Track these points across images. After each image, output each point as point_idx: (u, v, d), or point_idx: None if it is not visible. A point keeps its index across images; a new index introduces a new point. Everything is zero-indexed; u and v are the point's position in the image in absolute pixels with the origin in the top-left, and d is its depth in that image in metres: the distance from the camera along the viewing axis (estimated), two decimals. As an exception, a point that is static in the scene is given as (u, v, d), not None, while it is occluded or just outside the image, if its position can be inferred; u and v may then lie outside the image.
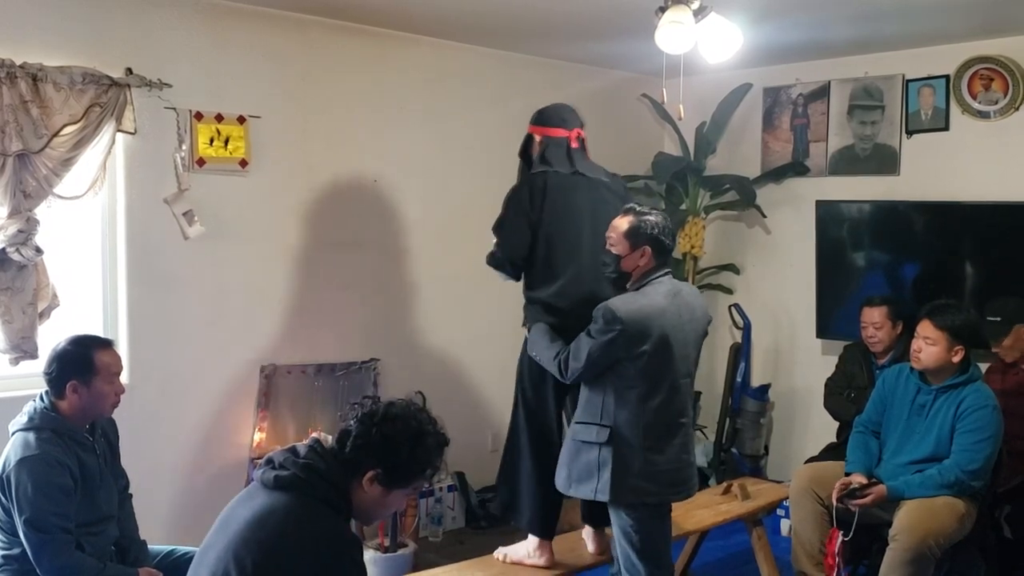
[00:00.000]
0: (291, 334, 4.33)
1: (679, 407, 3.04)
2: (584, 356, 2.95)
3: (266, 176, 4.21)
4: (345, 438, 2.08)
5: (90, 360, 2.80)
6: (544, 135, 3.34)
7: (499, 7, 4.13)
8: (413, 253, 4.78)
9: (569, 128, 3.34)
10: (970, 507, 3.46)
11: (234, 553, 1.95)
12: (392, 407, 2.10)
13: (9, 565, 2.76)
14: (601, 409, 3.00)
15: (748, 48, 3.72)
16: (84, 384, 2.78)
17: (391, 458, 2.06)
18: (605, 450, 2.97)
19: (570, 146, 3.32)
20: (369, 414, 2.09)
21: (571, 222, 3.24)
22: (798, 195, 5.36)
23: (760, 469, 5.40)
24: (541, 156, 3.32)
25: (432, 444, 2.11)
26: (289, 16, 4.23)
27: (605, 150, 5.50)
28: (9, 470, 2.68)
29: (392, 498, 2.12)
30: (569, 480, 3.08)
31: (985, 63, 4.62)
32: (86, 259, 3.85)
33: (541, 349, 3.16)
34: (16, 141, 3.37)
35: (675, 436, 3.03)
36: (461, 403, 4.99)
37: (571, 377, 3.04)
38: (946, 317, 3.54)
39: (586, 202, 3.27)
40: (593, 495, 3.01)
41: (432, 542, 4.61)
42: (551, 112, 3.38)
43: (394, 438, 2.06)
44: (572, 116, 3.38)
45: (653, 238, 3.00)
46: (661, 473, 3.00)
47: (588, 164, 3.37)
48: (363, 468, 2.06)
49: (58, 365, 2.79)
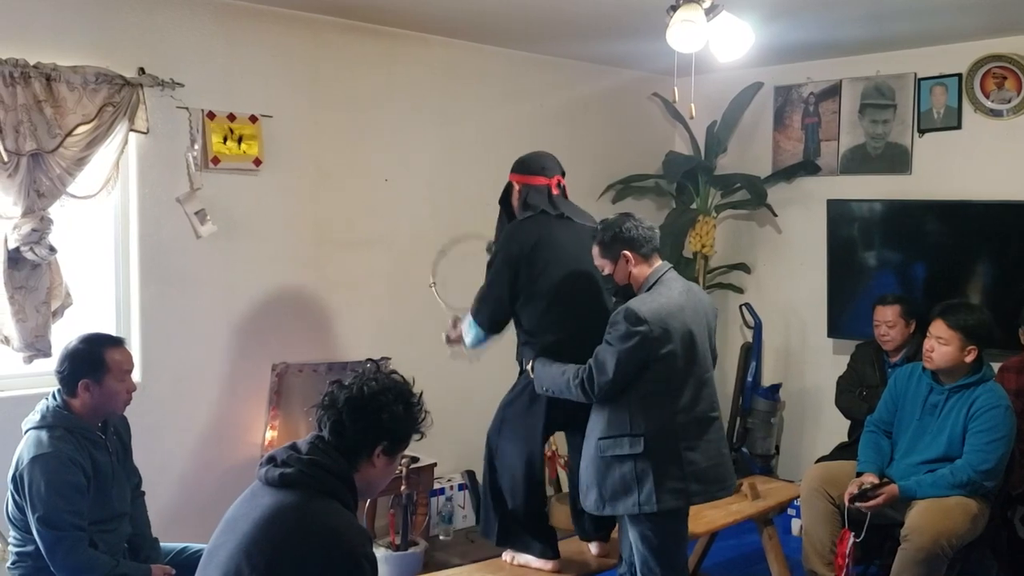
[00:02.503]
0: (302, 332, 4.35)
1: (709, 402, 3.01)
2: (612, 366, 2.87)
3: (278, 175, 4.22)
4: (341, 429, 2.09)
5: (101, 358, 2.82)
6: (524, 183, 3.34)
7: (510, 6, 4.13)
8: (424, 252, 4.77)
9: (549, 176, 3.34)
10: (983, 507, 3.45)
11: (246, 553, 1.95)
12: (369, 384, 2.12)
13: (23, 562, 2.79)
14: (629, 420, 2.92)
15: (759, 47, 3.71)
16: (96, 382, 2.80)
17: (394, 428, 2.13)
18: (641, 461, 2.89)
19: (551, 193, 3.32)
20: (354, 399, 2.10)
21: (565, 265, 3.22)
22: (809, 194, 5.35)
23: (771, 468, 5.39)
24: (524, 203, 3.32)
25: (418, 399, 2.19)
26: (301, 16, 4.24)
27: (615, 149, 5.55)
28: (22, 468, 2.70)
29: (394, 462, 2.19)
30: (602, 500, 2.97)
31: (997, 61, 4.60)
32: (99, 258, 3.87)
33: (553, 379, 3.09)
34: (30, 141, 3.39)
35: (708, 432, 2.99)
36: (472, 402, 4.99)
37: (599, 393, 2.93)
38: (959, 317, 3.52)
39: (574, 243, 3.25)
40: (636, 509, 2.91)
41: (443, 540, 4.61)
42: (530, 160, 3.38)
43: (388, 409, 2.11)
44: (552, 164, 3.37)
45: (622, 240, 2.99)
46: (702, 471, 2.95)
47: (572, 208, 3.37)
48: (371, 448, 2.11)
49: (70, 364, 2.81)
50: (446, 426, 4.76)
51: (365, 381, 2.13)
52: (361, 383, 2.12)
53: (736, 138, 5.59)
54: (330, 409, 2.11)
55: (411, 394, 2.17)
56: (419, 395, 2.20)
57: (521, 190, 3.34)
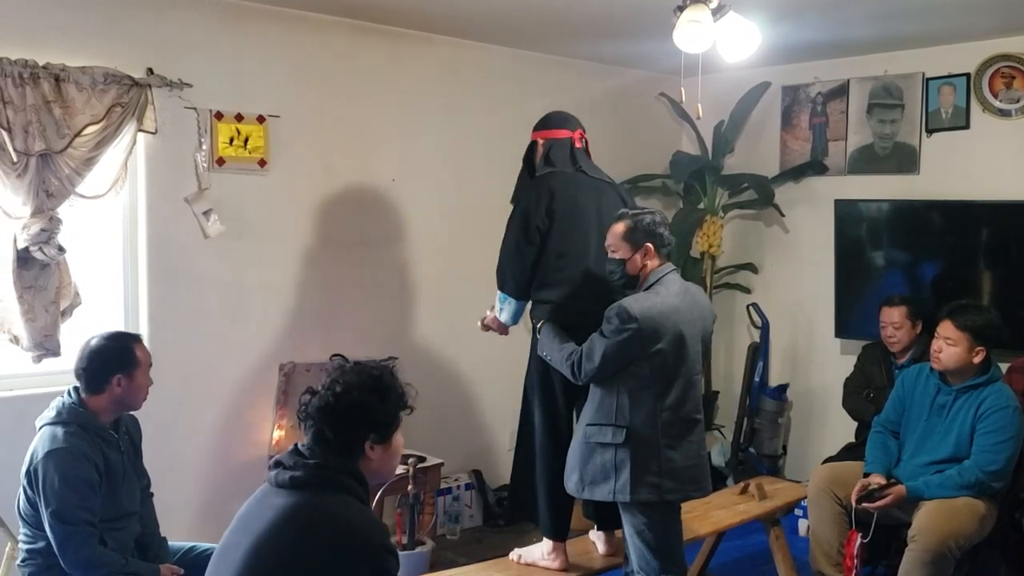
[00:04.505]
0: (310, 332, 4.36)
1: (694, 404, 3.06)
2: (599, 356, 2.95)
3: (285, 175, 4.23)
4: (323, 437, 2.08)
5: (132, 353, 2.89)
6: (547, 137, 3.38)
7: (517, 6, 4.14)
8: (431, 251, 4.79)
9: (572, 129, 3.38)
10: (990, 508, 3.44)
11: (261, 554, 1.96)
12: (336, 386, 2.09)
13: (33, 559, 2.80)
14: (615, 410, 2.99)
15: (766, 46, 3.71)
16: (127, 377, 2.85)
17: (374, 420, 2.10)
18: (622, 451, 2.96)
19: (574, 146, 3.36)
20: (325, 407, 2.08)
21: (579, 223, 3.25)
22: (817, 194, 5.34)
23: (778, 469, 5.38)
24: (545, 157, 3.34)
25: (389, 381, 2.15)
26: (308, 16, 4.25)
27: (623, 149, 5.54)
28: (36, 462, 2.72)
29: (395, 444, 2.17)
30: (582, 483, 3.06)
31: (1006, 61, 4.59)
32: (107, 258, 3.89)
33: (552, 350, 3.15)
34: (39, 141, 3.40)
35: (692, 433, 3.04)
36: (479, 401, 5.01)
37: (584, 378, 3.03)
38: (967, 318, 3.51)
39: (592, 202, 3.29)
40: (611, 496, 2.99)
41: (450, 540, 4.62)
42: (553, 116, 3.44)
43: (360, 405, 2.09)
44: (573, 119, 3.43)
45: (651, 233, 3.02)
46: (679, 470, 3.00)
47: (591, 165, 3.40)
48: (360, 445, 2.10)
49: (100, 361, 2.84)
50: (453, 426, 4.82)
51: (332, 383, 2.10)
52: (329, 387, 2.10)
53: (743, 138, 5.59)
54: (307, 420, 2.10)
55: (380, 379, 2.13)
56: (389, 373, 2.16)
57: (544, 144, 3.37)
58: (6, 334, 3.52)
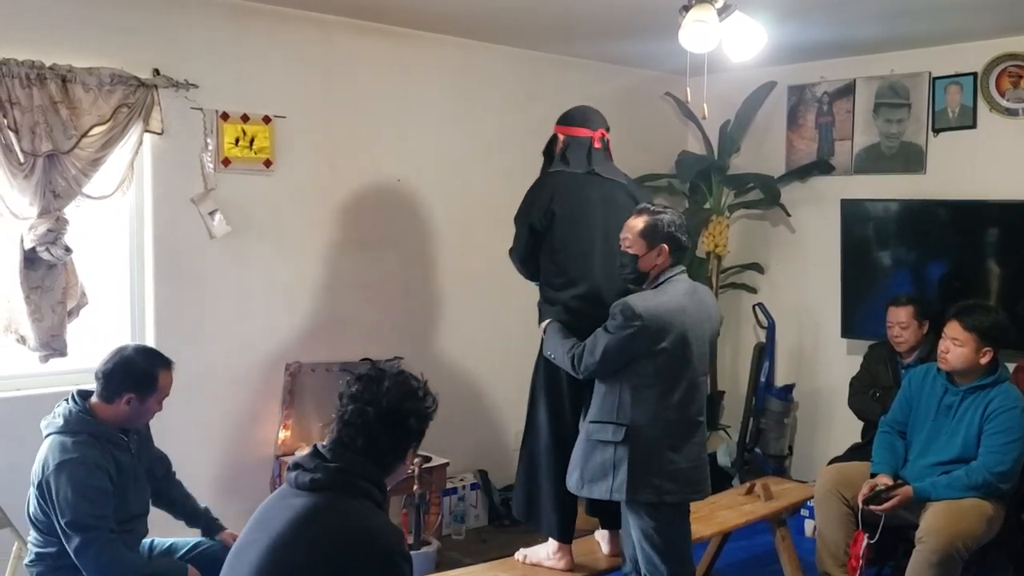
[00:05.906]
0: (315, 332, 4.36)
1: (698, 405, 3.05)
2: (600, 351, 2.95)
3: (291, 176, 4.24)
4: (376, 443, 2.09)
5: (155, 379, 2.86)
6: (567, 134, 3.38)
7: (523, 6, 4.14)
8: (436, 252, 4.80)
9: (593, 128, 3.37)
10: (998, 509, 3.43)
11: (278, 553, 1.97)
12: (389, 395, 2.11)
13: (42, 561, 2.81)
14: (617, 408, 2.98)
15: (772, 46, 3.70)
16: (140, 399, 2.84)
17: (421, 427, 2.17)
18: (621, 449, 2.95)
19: (592, 146, 3.35)
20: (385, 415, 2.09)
21: (583, 222, 3.25)
22: (823, 194, 5.33)
23: (784, 469, 5.37)
24: (561, 155, 3.35)
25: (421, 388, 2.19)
26: (314, 17, 4.25)
27: (628, 149, 5.50)
28: (48, 474, 2.71)
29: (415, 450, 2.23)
30: (582, 480, 3.06)
31: (1013, 60, 4.57)
32: (114, 258, 3.90)
33: (555, 346, 3.16)
34: (46, 141, 3.41)
35: (694, 435, 3.03)
36: (484, 401, 5.01)
37: (584, 372, 3.03)
38: (975, 318, 3.50)
39: (598, 201, 3.29)
40: (608, 495, 2.98)
41: (455, 540, 4.62)
42: (576, 113, 3.43)
43: (414, 413, 2.13)
44: (597, 117, 3.42)
45: (669, 235, 3.01)
46: (680, 472, 2.98)
47: (607, 165, 3.39)
48: (406, 451, 2.15)
49: (122, 373, 2.82)
50: (459, 426, 4.82)
51: (385, 392, 2.11)
52: (379, 394, 2.11)
53: (749, 138, 5.58)
54: (362, 428, 2.09)
55: (419, 387, 2.18)
56: (424, 383, 2.20)
57: (564, 140, 3.37)
58: (13, 334, 3.53)
